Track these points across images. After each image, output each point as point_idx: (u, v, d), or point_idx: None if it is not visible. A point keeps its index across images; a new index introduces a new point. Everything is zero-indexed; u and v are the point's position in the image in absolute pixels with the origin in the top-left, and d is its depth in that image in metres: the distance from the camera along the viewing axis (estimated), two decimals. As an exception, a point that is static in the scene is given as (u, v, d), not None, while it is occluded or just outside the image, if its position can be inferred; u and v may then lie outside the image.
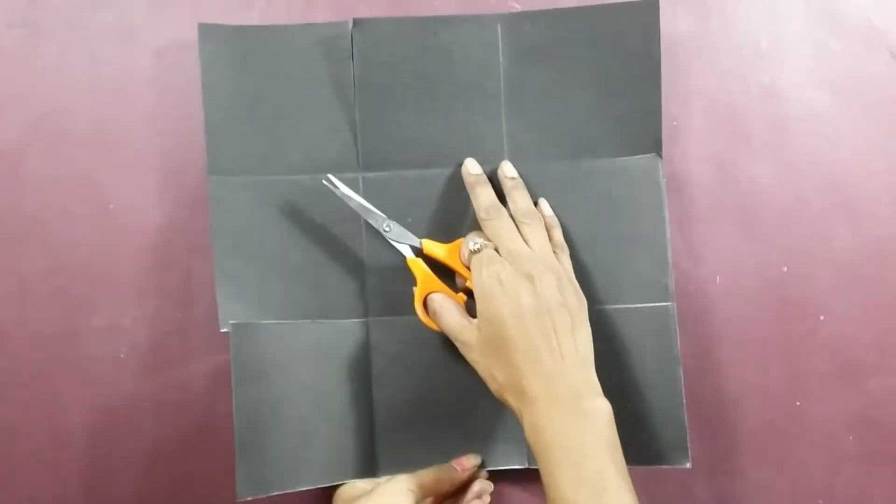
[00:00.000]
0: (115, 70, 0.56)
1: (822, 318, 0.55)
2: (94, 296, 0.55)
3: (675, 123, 0.56)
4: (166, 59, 0.56)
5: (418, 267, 0.52)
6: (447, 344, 0.54)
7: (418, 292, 0.52)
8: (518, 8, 0.56)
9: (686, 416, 0.53)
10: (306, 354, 0.54)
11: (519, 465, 0.54)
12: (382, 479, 0.52)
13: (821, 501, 0.55)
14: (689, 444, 0.53)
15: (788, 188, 0.56)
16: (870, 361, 0.55)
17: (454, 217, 0.54)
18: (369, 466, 0.54)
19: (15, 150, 0.56)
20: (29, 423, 0.56)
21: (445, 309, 0.50)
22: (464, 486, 0.53)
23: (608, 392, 0.51)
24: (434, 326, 0.51)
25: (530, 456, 0.54)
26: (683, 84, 0.56)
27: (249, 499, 0.52)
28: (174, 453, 0.55)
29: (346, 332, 0.54)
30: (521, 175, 0.54)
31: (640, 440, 0.53)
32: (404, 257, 0.53)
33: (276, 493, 0.52)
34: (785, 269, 0.55)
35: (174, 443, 0.55)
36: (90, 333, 0.55)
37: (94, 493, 0.56)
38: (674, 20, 0.56)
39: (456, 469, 0.52)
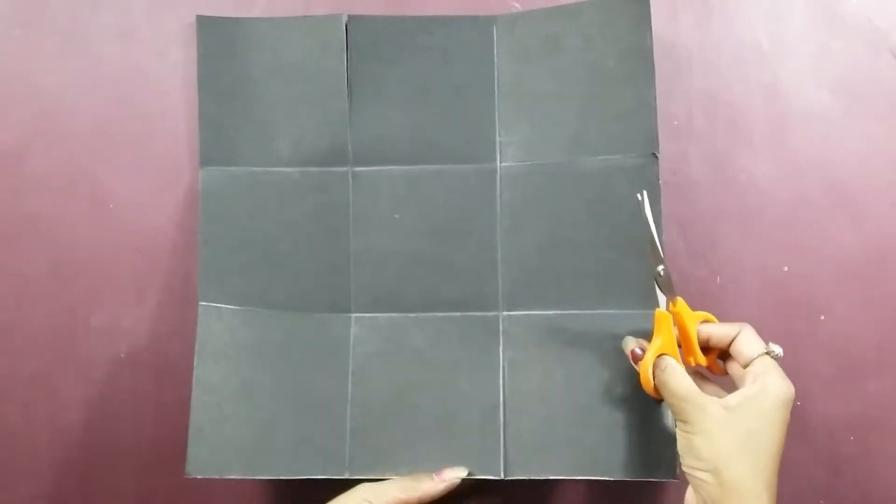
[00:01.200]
0: (115, 70, 0.56)
1: (822, 317, 0.55)
2: (94, 296, 0.55)
3: (675, 123, 0.55)
4: (166, 59, 0.56)
5: (665, 324, 0.48)
6: (431, 345, 0.53)
7: (654, 348, 0.47)
8: (518, 7, 0.56)
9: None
10: (282, 343, 0.53)
11: (494, 475, 0.51)
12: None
13: (822, 502, 0.55)
14: (676, 457, 0.49)
15: (789, 188, 0.56)
16: (871, 361, 0.55)
17: (442, 215, 0.54)
18: (338, 465, 0.52)
19: (15, 149, 0.56)
20: (29, 423, 0.56)
21: (680, 371, 0.45)
22: (444, 500, 0.49)
23: (600, 401, 0.51)
24: (649, 387, 0.47)
25: (506, 466, 0.51)
26: (684, 83, 0.56)
27: (199, 477, 0.50)
28: (174, 453, 0.55)
29: (326, 325, 0.54)
30: (514, 175, 0.54)
31: (628, 452, 0.51)
32: (656, 309, 0.48)
33: (232, 477, 0.51)
34: (786, 268, 0.55)
35: (174, 443, 0.55)
36: (90, 333, 0.55)
37: (94, 492, 0.56)
38: (674, 19, 0.56)
39: (432, 479, 0.49)
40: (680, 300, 0.48)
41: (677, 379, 0.45)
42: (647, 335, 0.50)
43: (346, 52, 0.54)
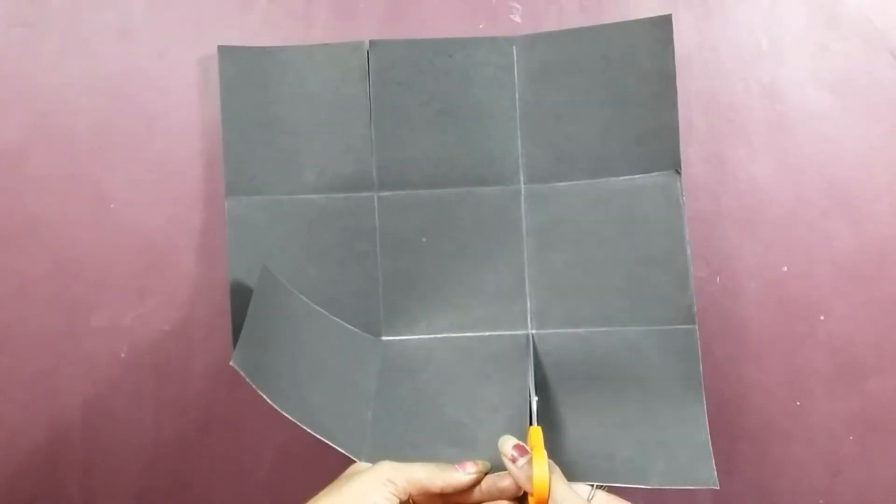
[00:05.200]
0: (115, 70, 0.56)
1: (822, 317, 0.55)
2: (94, 296, 0.55)
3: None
4: (166, 59, 0.56)
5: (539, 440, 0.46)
6: (459, 362, 0.53)
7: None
8: (519, 8, 0.56)
9: (710, 438, 0.49)
10: (314, 355, 0.52)
11: (525, 488, 0.49)
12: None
13: (821, 501, 0.55)
14: (714, 466, 0.49)
15: (788, 188, 0.56)
16: (870, 361, 0.55)
17: (469, 237, 0.54)
18: (356, 448, 0.49)
19: (15, 149, 0.56)
20: (29, 423, 0.56)
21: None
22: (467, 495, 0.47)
23: (634, 418, 0.50)
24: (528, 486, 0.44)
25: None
26: (683, 84, 0.56)
27: (243, 374, 0.45)
28: (174, 453, 0.55)
29: (358, 344, 0.54)
30: (538, 196, 0.54)
31: (665, 462, 0.49)
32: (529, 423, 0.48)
33: (268, 402, 0.46)
34: (785, 269, 0.55)
35: (174, 442, 0.55)
36: (90, 333, 0.55)
37: (94, 492, 0.56)
38: (674, 20, 0.56)
39: (457, 470, 0.46)
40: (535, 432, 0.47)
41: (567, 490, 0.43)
42: (680, 354, 0.51)
43: (368, 77, 0.54)
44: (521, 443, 0.46)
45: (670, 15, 0.53)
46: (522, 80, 0.54)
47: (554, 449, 0.50)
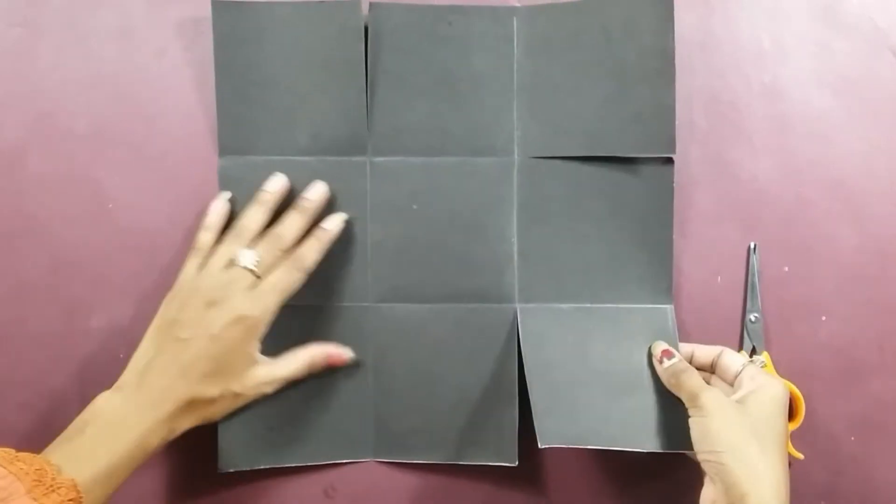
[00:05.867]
0: (115, 70, 0.56)
1: (823, 318, 0.55)
2: (94, 296, 0.55)
3: (675, 122, 0.55)
4: (166, 59, 0.56)
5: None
6: (450, 336, 0.54)
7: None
8: (518, 5, 0.56)
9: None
10: (304, 336, 0.54)
11: (510, 463, 0.54)
12: None
13: (823, 502, 0.55)
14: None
15: (790, 188, 0.55)
16: (872, 362, 0.55)
17: (460, 207, 0.54)
18: (364, 450, 0.54)
19: (15, 149, 0.56)
20: (29, 423, 0.56)
21: (693, 370, 0.50)
22: None
23: (610, 388, 0.52)
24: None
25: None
26: (685, 82, 0.55)
27: (231, 471, 0.53)
28: (173, 454, 0.55)
29: (345, 316, 0.54)
30: (531, 169, 0.54)
31: (639, 428, 0.51)
32: None
33: (261, 468, 0.54)
34: (786, 269, 0.55)
35: (173, 443, 0.55)
36: (90, 333, 0.55)
37: (93, 493, 0.56)
38: (675, 19, 0.56)
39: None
40: (766, 357, 0.54)
41: (692, 376, 0.49)
42: (658, 331, 0.53)
43: (366, 39, 0.54)
44: (669, 348, 0.52)
45: None
46: (522, 51, 0.54)
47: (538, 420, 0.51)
